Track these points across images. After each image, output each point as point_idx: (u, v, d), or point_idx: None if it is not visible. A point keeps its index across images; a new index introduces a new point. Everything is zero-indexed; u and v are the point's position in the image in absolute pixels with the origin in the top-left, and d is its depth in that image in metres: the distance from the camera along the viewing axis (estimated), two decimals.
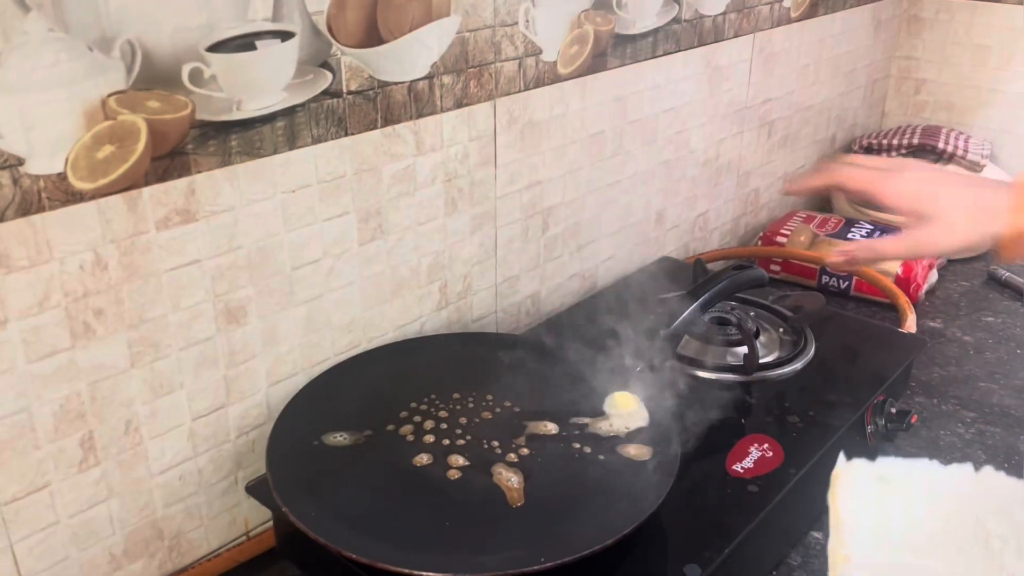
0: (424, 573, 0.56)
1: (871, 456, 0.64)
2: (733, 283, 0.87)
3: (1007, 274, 1.27)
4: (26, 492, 0.63)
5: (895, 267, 1.20)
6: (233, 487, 0.77)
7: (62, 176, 0.58)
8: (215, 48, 0.64)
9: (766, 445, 0.77)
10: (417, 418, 0.73)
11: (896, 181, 0.68)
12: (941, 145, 1.40)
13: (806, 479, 0.74)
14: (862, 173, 0.70)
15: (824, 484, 0.84)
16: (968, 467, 0.39)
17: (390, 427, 0.72)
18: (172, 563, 0.74)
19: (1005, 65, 1.49)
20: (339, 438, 0.71)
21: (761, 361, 0.87)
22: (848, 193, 0.73)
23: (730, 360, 0.88)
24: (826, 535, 0.80)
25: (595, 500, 0.65)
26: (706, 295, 0.85)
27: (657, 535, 0.67)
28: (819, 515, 0.83)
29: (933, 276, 1.25)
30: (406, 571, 0.56)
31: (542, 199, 0.97)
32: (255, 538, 0.79)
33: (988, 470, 0.40)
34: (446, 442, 0.71)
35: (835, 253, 0.71)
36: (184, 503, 0.73)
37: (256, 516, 0.79)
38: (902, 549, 0.42)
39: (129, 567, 0.71)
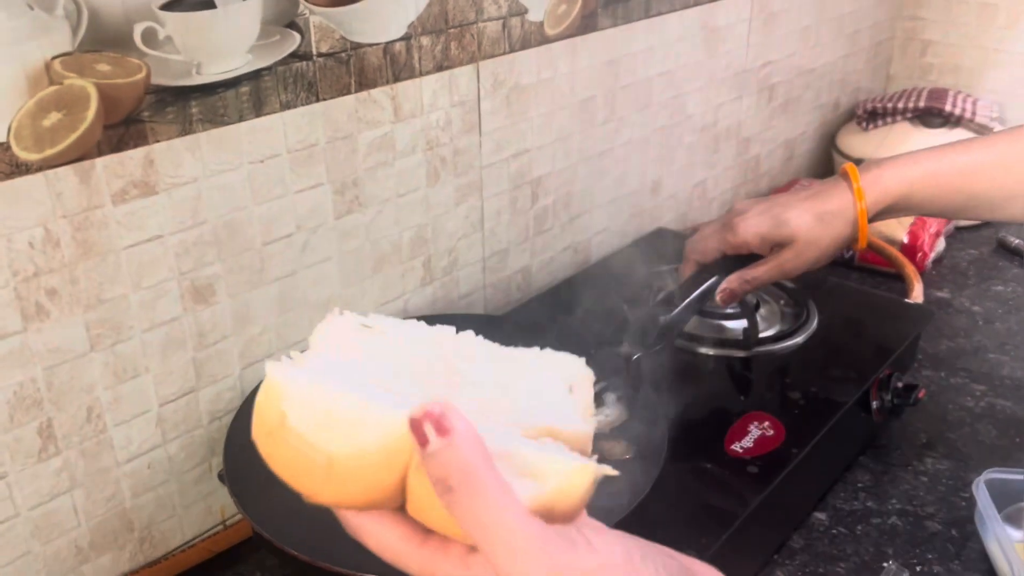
0: None
1: None
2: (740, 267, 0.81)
3: (1016, 241, 1.23)
4: None
5: (901, 234, 1.16)
6: (207, 474, 0.73)
7: (4, 146, 0.54)
8: (170, 6, 0.59)
9: (766, 423, 0.73)
10: None
11: (741, 228, 0.73)
12: (948, 108, 1.34)
13: (809, 459, 0.71)
14: (707, 242, 0.75)
15: (828, 464, 0.80)
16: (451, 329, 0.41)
17: None
18: (144, 555, 0.71)
19: (1013, 23, 1.43)
20: None
21: (761, 335, 0.83)
22: (706, 264, 0.77)
23: (729, 334, 0.84)
24: (830, 514, 0.77)
25: None
26: (710, 282, 0.76)
27: (650, 521, 0.63)
28: (823, 495, 0.79)
29: (940, 244, 1.21)
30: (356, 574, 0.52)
31: (531, 168, 0.93)
32: (232, 527, 0.75)
33: (470, 333, 0.41)
34: None
35: (717, 293, 0.75)
36: (155, 492, 0.70)
37: (232, 504, 0.75)
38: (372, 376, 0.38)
39: (97, 560, 0.68)
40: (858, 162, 0.75)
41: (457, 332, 0.43)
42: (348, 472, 0.35)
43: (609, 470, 0.34)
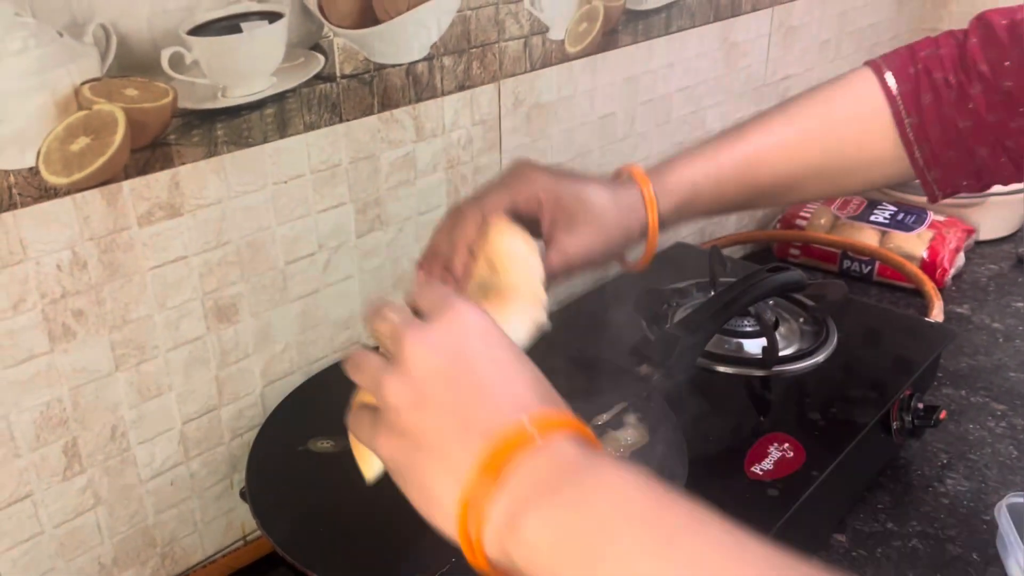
0: None
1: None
2: (767, 289, 0.80)
3: None
4: (7, 502, 0.60)
5: (920, 250, 1.15)
6: (228, 491, 0.73)
7: (34, 171, 0.55)
8: (197, 31, 0.60)
9: (786, 445, 0.73)
10: None
11: (531, 181, 0.58)
12: None
13: (829, 481, 0.70)
14: (495, 195, 0.57)
15: (848, 486, 0.80)
16: None
17: None
18: (165, 570, 0.71)
19: None
20: (325, 444, 0.67)
21: (781, 354, 0.83)
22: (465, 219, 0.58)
23: (748, 353, 0.84)
24: (850, 537, 0.77)
25: None
26: (737, 303, 0.77)
27: None
28: (843, 517, 0.79)
29: (960, 259, 1.20)
30: None
31: None
32: (252, 543, 0.76)
33: None
34: None
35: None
36: (177, 509, 0.70)
37: (253, 521, 0.75)
38: None
39: None
40: None
41: None
42: None
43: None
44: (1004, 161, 0.64)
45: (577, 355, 0.75)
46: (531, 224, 0.58)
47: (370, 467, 0.52)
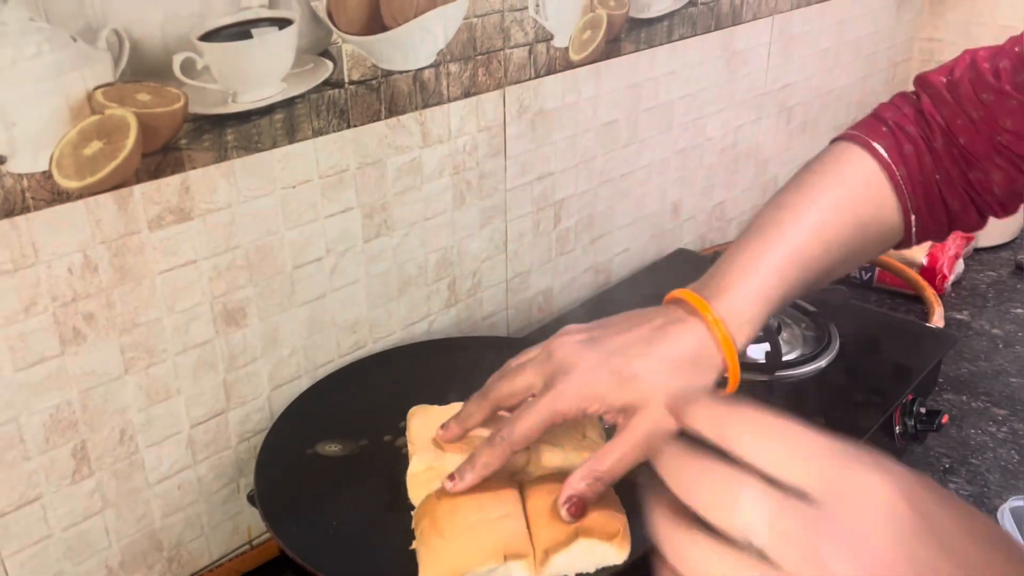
0: None
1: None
2: None
3: None
4: (16, 505, 0.60)
5: (920, 257, 1.16)
6: (235, 495, 0.74)
7: (47, 175, 0.55)
8: (208, 37, 0.60)
9: None
10: None
11: (571, 393, 0.53)
12: None
13: None
14: (529, 418, 0.53)
15: None
16: None
17: (387, 437, 0.68)
18: (172, 574, 0.71)
19: None
20: (333, 448, 0.67)
21: (784, 359, 0.83)
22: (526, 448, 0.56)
23: (751, 358, 0.84)
24: None
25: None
26: None
27: None
28: None
29: (959, 266, 1.21)
30: None
31: (554, 191, 0.93)
32: (258, 547, 0.76)
33: None
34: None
35: (562, 505, 0.52)
36: (183, 512, 0.70)
37: (259, 524, 0.76)
38: None
39: None
40: None
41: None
42: None
43: None
44: (972, 210, 0.65)
45: None
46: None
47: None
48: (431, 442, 0.60)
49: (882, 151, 0.64)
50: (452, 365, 0.77)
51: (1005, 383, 0.99)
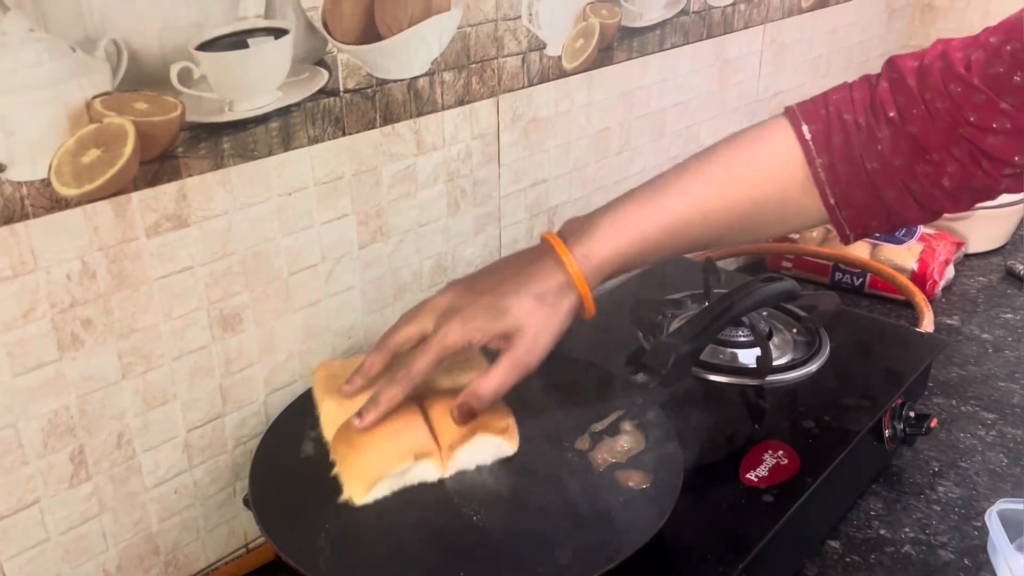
0: None
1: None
2: (759, 298, 0.81)
3: None
4: (15, 509, 0.61)
5: (911, 263, 1.17)
6: (231, 499, 0.74)
7: (45, 182, 0.56)
8: (205, 47, 0.61)
9: (781, 452, 0.74)
10: None
11: (459, 332, 0.63)
12: None
13: (823, 488, 0.72)
14: (425, 355, 0.63)
15: (842, 493, 0.81)
16: None
17: None
18: None
19: None
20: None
21: (774, 363, 0.84)
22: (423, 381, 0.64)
23: (742, 363, 0.85)
24: (843, 543, 0.78)
25: (591, 528, 0.61)
26: (730, 313, 0.79)
27: (667, 550, 0.64)
28: (837, 524, 0.80)
29: (950, 272, 1.22)
30: None
31: (547, 198, 0.94)
32: (254, 551, 0.77)
33: None
34: None
35: (454, 413, 0.64)
36: (180, 516, 0.71)
37: (255, 528, 0.76)
38: None
39: None
40: None
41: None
42: None
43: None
44: (911, 203, 0.64)
45: (574, 364, 0.76)
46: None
47: (360, 490, 0.62)
48: (337, 390, 0.67)
49: (808, 135, 0.64)
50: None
51: (994, 387, 1.00)
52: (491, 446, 0.65)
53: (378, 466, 0.62)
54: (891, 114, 0.62)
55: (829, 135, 0.64)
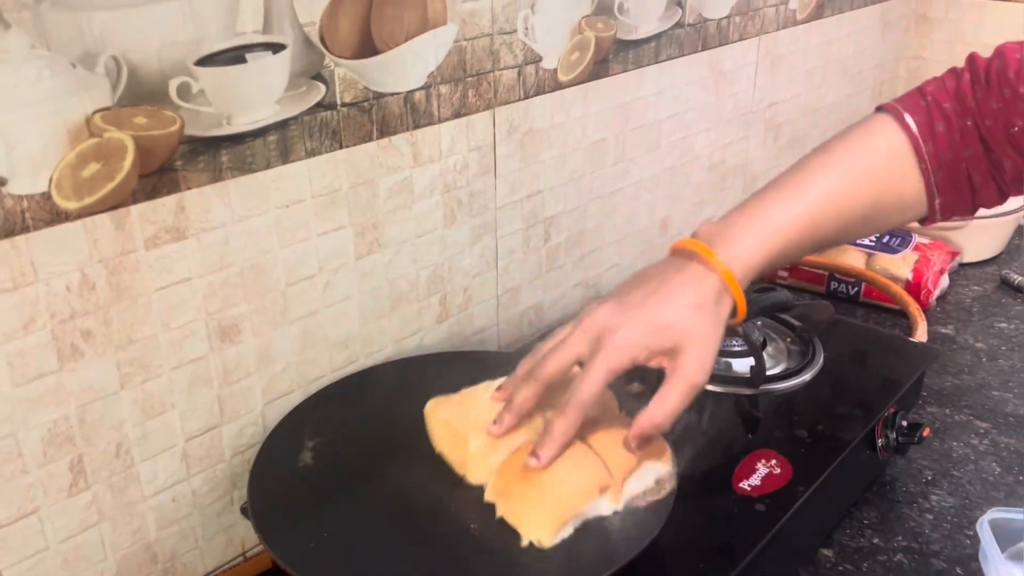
0: None
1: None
2: (754, 309, 0.80)
3: (1019, 278, 1.25)
4: (14, 518, 0.61)
5: (905, 272, 1.18)
6: (229, 507, 0.75)
7: (46, 196, 0.57)
8: (204, 62, 0.62)
9: (773, 461, 0.75)
10: None
11: (622, 348, 0.59)
12: None
13: (816, 497, 0.72)
14: (591, 379, 0.59)
15: (835, 502, 0.82)
16: None
17: (378, 449, 0.69)
18: None
19: None
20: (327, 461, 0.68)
21: (768, 373, 0.85)
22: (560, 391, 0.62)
23: (736, 372, 0.86)
24: (836, 552, 0.78)
25: (587, 537, 0.61)
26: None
27: (660, 558, 0.65)
28: (830, 532, 0.81)
29: (944, 281, 1.23)
30: None
31: (543, 208, 0.95)
32: (252, 559, 0.77)
33: None
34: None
35: (629, 443, 0.61)
36: (178, 525, 0.72)
37: (253, 537, 0.77)
38: None
39: None
40: None
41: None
42: None
43: None
44: (993, 187, 0.67)
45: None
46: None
47: (551, 530, 0.59)
48: (477, 425, 0.64)
49: (912, 126, 0.66)
50: (443, 379, 0.79)
51: (988, 396, 1.01)
52: (653, 472, 0.63)
53: (567, 504, 0.59)
54: (971, 105, 0.65)
55: (932, 123, 0.66)
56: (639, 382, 0.76)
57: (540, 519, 0.58)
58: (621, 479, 0.61)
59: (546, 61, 0.88)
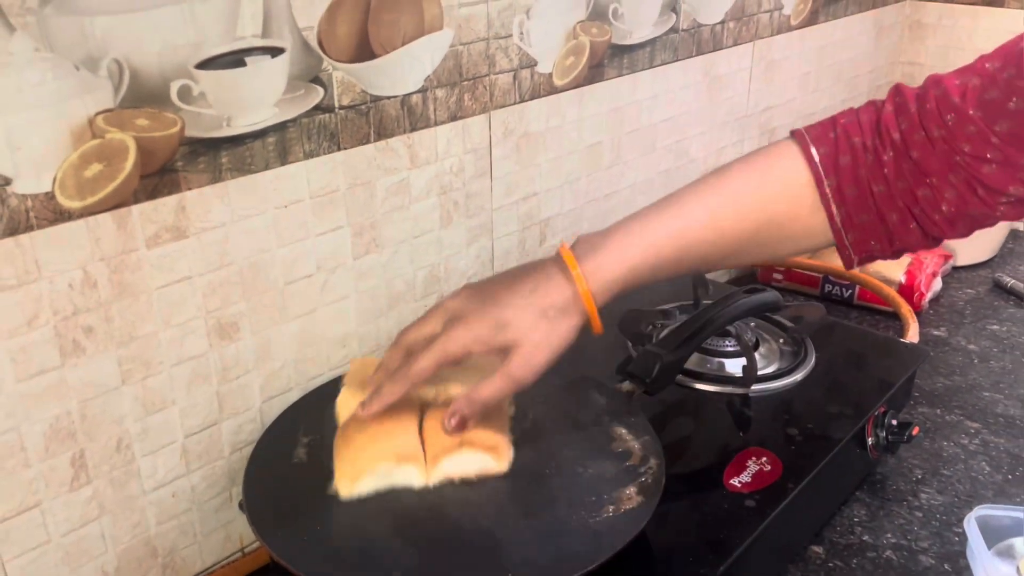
0: None
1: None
2: (743, 309, 0.83)
3: (1012, 281, 1.26)
4: (17, 511, 0.63)
5: (898, 275, 1.19)
6: (227, 503, 0.76)
7: (50, 195, 0.58)
8: (204, 65, 0.64)
9: (764, 459, 0.76)
10: None
11: (460, 337, 0.63)
12: None
13: (805, 493, 0.73)
14: (426, 358, 0.63)
15: (825, 499, 0.83)
16: None
17: None
18: None
19: None
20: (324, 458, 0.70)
21: (760, 373, 0.86)
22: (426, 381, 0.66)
23: (729, 372, 0.87)
24: (826, 548, 0.79)
25: (573, 530, 0.63)
26: (715, 323, 0.81)
27: (649, 553, 0.66)
28: (820, 529, 0.82)
29: (937, 284, 1.24)
30: None
31: (539, 210, 0.97)
32: (250, 555, 0.78)
33: None
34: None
35: (446, 421, 0.65)
36: (177, 520, 0.73)
37: (251, 533, 0.78)
38: None
39: None
40: None
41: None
42: None
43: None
44: (913, 227, 0.65)
45: (562, 372, 0.78)
46: None
47: (346, 484, 0.65)
48: (360, 382, 0.71)
49: (816, 157, 0.65)
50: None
51: (979, 397, 1.02)
52: (477, 461, 0.66)
53: (363, 463, 0.64)
54: (895, 136, 0.63)
55: (837, 157, 0.65)
56: (629, 381, 0.77)
57: (340, 471, 0.65)
58: (433, 455, 0.65)
59: (541, 65, 0.90)
